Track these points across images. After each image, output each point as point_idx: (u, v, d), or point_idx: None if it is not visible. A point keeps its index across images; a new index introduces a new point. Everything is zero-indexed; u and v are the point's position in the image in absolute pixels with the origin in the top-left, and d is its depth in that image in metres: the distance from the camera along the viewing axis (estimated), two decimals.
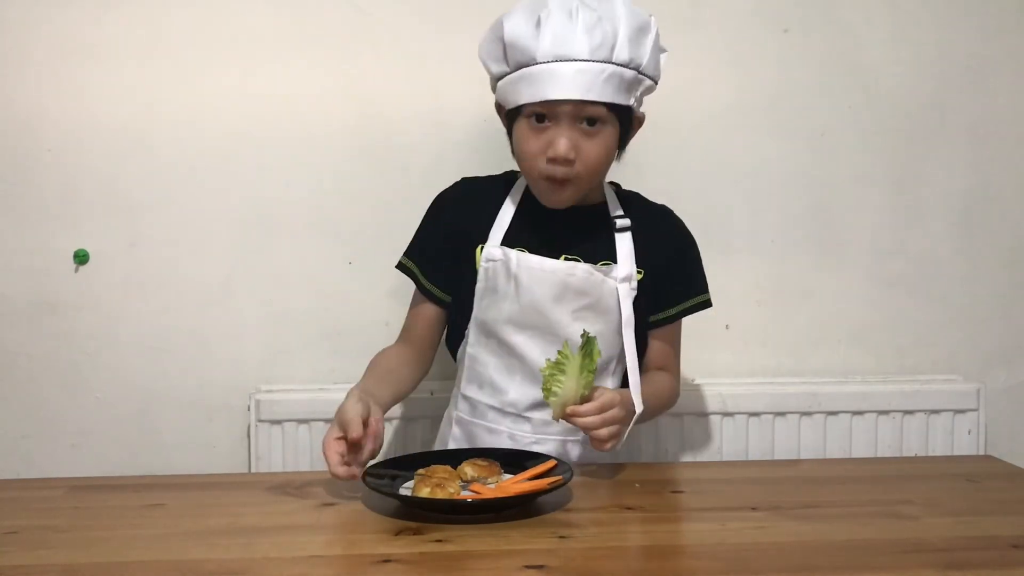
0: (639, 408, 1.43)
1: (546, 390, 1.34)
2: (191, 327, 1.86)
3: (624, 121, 1.46)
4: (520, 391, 1.50)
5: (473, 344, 1.53)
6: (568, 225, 1.51)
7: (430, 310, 1.57)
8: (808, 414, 1.87)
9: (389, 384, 1.50)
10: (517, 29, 1.39)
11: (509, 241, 1.51)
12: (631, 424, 1.43)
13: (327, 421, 1.79)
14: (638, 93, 1.45)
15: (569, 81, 1.37)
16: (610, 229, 1.53)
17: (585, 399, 1.35)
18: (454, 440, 1.56)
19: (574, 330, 1.44)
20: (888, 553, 1.16)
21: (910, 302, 1.98)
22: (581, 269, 1.47)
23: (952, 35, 1.95)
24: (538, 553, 1.14)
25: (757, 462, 1.80)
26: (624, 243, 1.52)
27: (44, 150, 1.82)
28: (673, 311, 1.58)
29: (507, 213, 1.53)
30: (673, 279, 1.57)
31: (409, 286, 1.60)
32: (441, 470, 1.35)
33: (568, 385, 1.33)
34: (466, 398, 1.55)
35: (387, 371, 1.53)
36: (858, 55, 1.94)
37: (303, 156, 1.86)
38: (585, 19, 1.37)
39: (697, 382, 1.91)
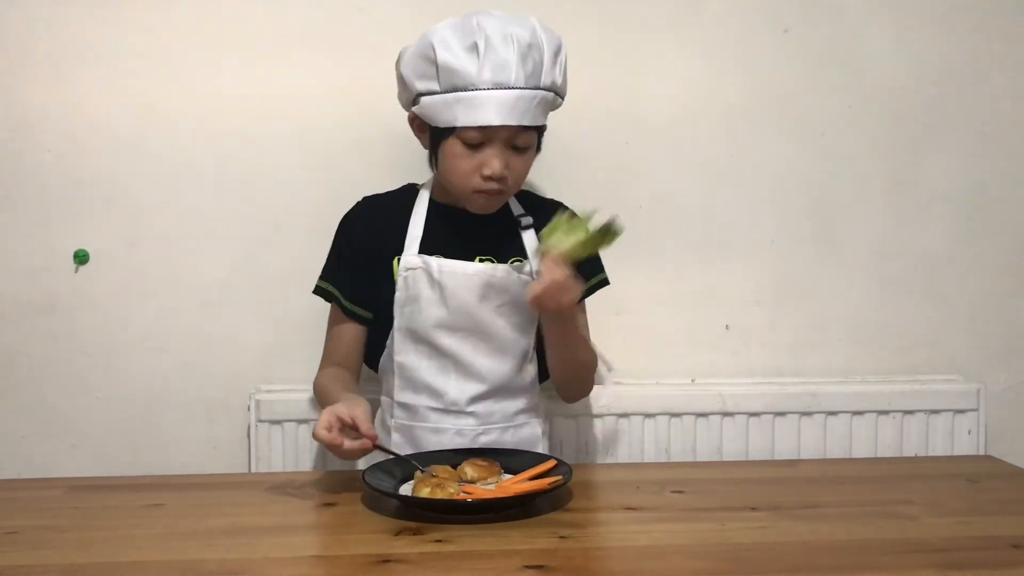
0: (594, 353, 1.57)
1: (546, 235, 1.43)
2: (191, 327, 1.86)
3: (540, 135, 1.55)
4: (459, 389, 1.54)
5: (401, 351, 1.56)
6: (477, 228, 1.57)
7: (354, 330, 1.62)
8: (808, 414, 1.87)
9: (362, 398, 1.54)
10: (453, 52, 1.44)
11: (424, 249, 1.56)
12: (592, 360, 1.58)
13: None
14: (552, 108, 1.53)
15: (509, 108, 1.44)
16: (514, 227, 1.60)
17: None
18: (396, 447, 1.56)
19: (499, 326, 1.54)
20: (888, 553, 1.16)
21: (910, 302, 1.98)
22: (501, 270, 1.54)
23: (952, 35, 1.94)
24: (538, 553, 1.14)
25: (757, 462, 1.80)
26: (530, 240, 1.59)
27: (44, 150, 1.82)
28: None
29: (417, 223, 1.58)
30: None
31: None
32: (441, 470, 1.35)
33: (563, 242, 1.41)
34: (402, 404, 1.57)
35: (348, 386, 1.57)
36: (858, 55, 1.93)
37: (303, 156, 1.86)
38: (519, 46, 1.44)
39: (697, 382, 1.91)
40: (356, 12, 1.85)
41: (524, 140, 1.48)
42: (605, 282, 1.67)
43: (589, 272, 1.62)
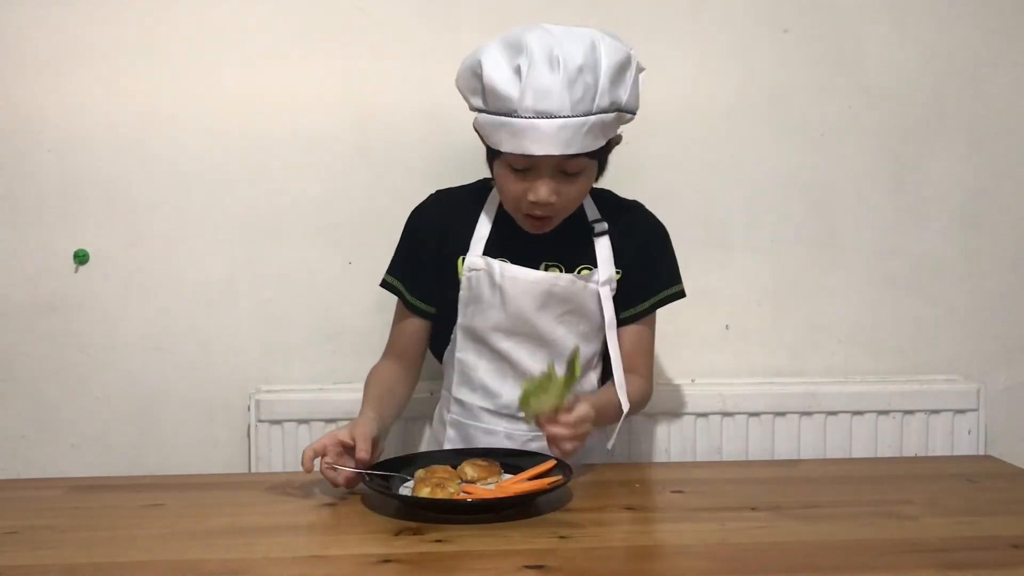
0: (625, 407, 1.47)
1: (524, 403, 1.33)
2: (191, 327, 1.86)
3: (604, 151, 1.48)
4: (513, 393, 1.51)
5: (462, 349, 1.55)
6: (544, 235, 1.52)
7: (417, 324, 1.59)
8: (808, 414, 1.87)
9: (392, 406, 1.54)
10: (496, 75, 1.38)
11: (489, 251, 1.53)
12: (619, 423, 1.47)
13: (327, 421, 1.81)
14: (618, 127, 1.46)
15: (551, 138, 1.36)
16: (587, 234, 1.55)
17: (563, 409, 1.33)
18: (449, 442, 1.57)
19: (560, 334, 1.50)
20: (888, 553, 1.16)
21: (910, 302, 1.98)
22: (564, 279, 1.50)
23: (952, 35, 1.94)
24: (538, 553, 1.14)
25: (757, 462, 1.80)
26: (603, 248, 1.54)
27: (44, 150, 1.82)
28: (646, 304, 1.59)
29: (485, 223, 1.55)
30: (646, 273, 1.58)
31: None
32: (441, 470, 1.35)
33: (546, 402, 1.32)
34: (459, 401, 1.57)
35: (388, 391, 1.55)
36: (858, 55, 1.93)
37: (303, 156, 1.86)
38: (567, 70, 1.35)
39: (697, 382, 1.91)
40: (356, 12, 1.85)
41: (574, 166, 1.42)
42: (680, 294, 1.60)
43: (658, 281, 1.58)
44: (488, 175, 1.58)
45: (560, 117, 1.35)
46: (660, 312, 1.63)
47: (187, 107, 1.83)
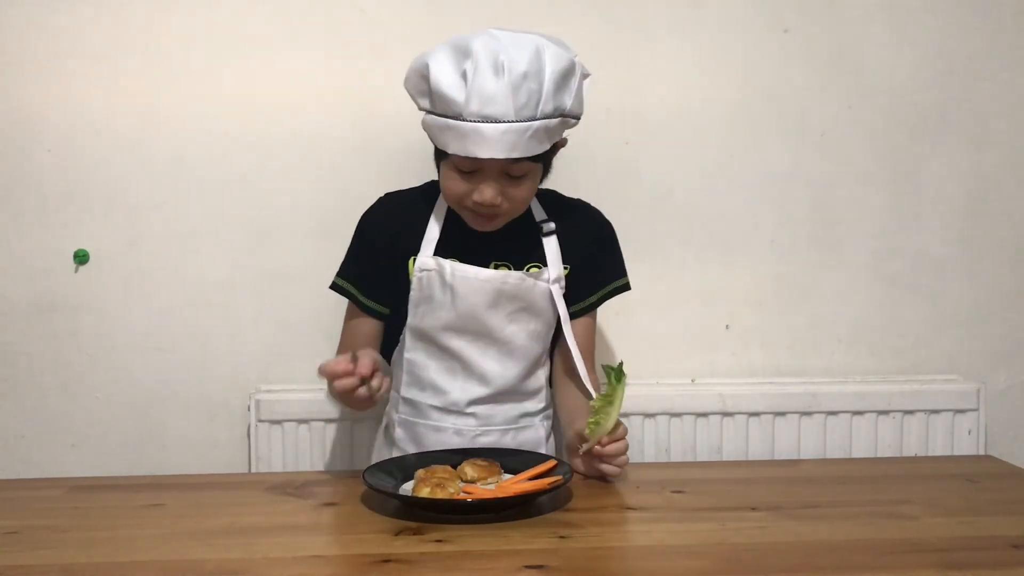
0: (593, 394, 1.51)
1: (593, 423, 1.38)
2: (191, 327, 1.86)
3: (548, 155, 1.50)
4: (463, 390, 1.54)
5: (411, 349, 1.56)
6: (495, 232, 1.54)
7: (370, 324, 1.60)
8: (808, 414, 1.87)
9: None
10: (443, 79, 1.39)
11: (440, 251, 1.54)
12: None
13: (327, 421, 1.81)
14: (561, 132, 1.47)
15: (495, 142, 1.37)
16: (535, 233, 1.56)
17: (614, 430, 1.41)
18: (399, 442, 1.57)
19: (510, 331, 1.53)
20: (888, 553, 1.16)
21: (910, 302, 1.98)
22: (514, 276, 1.52)
23: (952, 35, 1.94)
24: (538, 553, 1.14)
25: (757, 462, 1.80)
26: (551, 246, 1.56)
27: (44, 150, 1.82)
28: (594, 298, 1.61)
29: (435, 224, 1.55)
30: (593, 268, 1.60)
31: None
32: (441, 470, 1.35)
33: (611, 415, 1.38)
34: (407, 400, 1.58)
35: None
36: (858, 55, 1.93)
37: (303, 156, 1.86)
38: (511, 76, 1.36)
39: (697, 382, 1.91)
40: (356, 12, 1.85)
41: (519, 169, 1.43)
42: (625, 287, 1.64)
43: (605, 275, 1.61)
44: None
45: (504, 122, 1.37)
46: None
47: (187, 107, 1.83)
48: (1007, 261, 1.99)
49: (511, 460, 1.42)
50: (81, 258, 1.83)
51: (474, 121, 1.37)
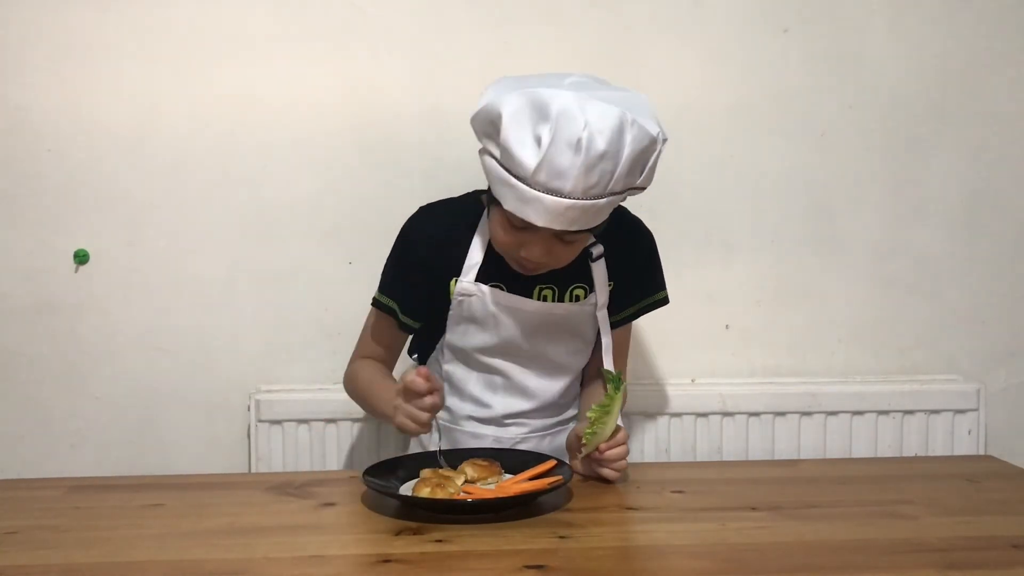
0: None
1: (590, 432, 1.38)
2: (191, 327, 1.86)
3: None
4: (504, 404, 1.54)
5: (450, 361, 1.56)
6: None
7: (398, 337, 1.60)
8: (808, 414, 1.87)
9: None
10: (514, 138, 1.31)
11: (482, 276, 1.49)
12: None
13: (327, 421, 1.81)
14: (625, 197, 1.41)
15: (556, 215, 1.32)
16: (584, 258, 1.50)
17: (613, 435, 1.40)
18: (435, 445, 1.56)
19: (552, 351, 1.52)
20: (888, 553, 1.16)
21: (910, 302, 1.98)
22: (561, 308, 1.50)
23: (952, 35, 1.94)
24: (538, 553, 1.14)
25: (757, 462, 1.80)
26: (599, 270, 1.52)
27: (44, 150, 1.82)
28: (631, 310, 1.60)
29: (478, 247, 1.50)
30: (634, 281, 1.59)
31: None
32: (442, 472, 1.35)
33: (608, 424, 1.38)
34: (447, 408, 1.57)
35: (388, 376, 1.57)
36: (858, 55, 1.93)
37: (303, 156, 1.86)
38: (588, 157, 1.28)
39: (697, 382, 1.91)
40: (356, 13, 1.85)
41: (572, 236, 1.38)
42: (664, 301, 1.63)
43: (645, 289, 1.60)
44: (480, 188, 1.55)
45: (571, 198, 1.31)
46: (660, 312, 1.64)
47: (187, 107, 1.82)
48: (1007, 261, 1.99)
49: (511, 460, 1.42)
50: (81, 258, 1.83)
51: (539, 190, 1.31)
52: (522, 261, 1.43)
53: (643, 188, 1.41)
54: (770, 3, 1.91)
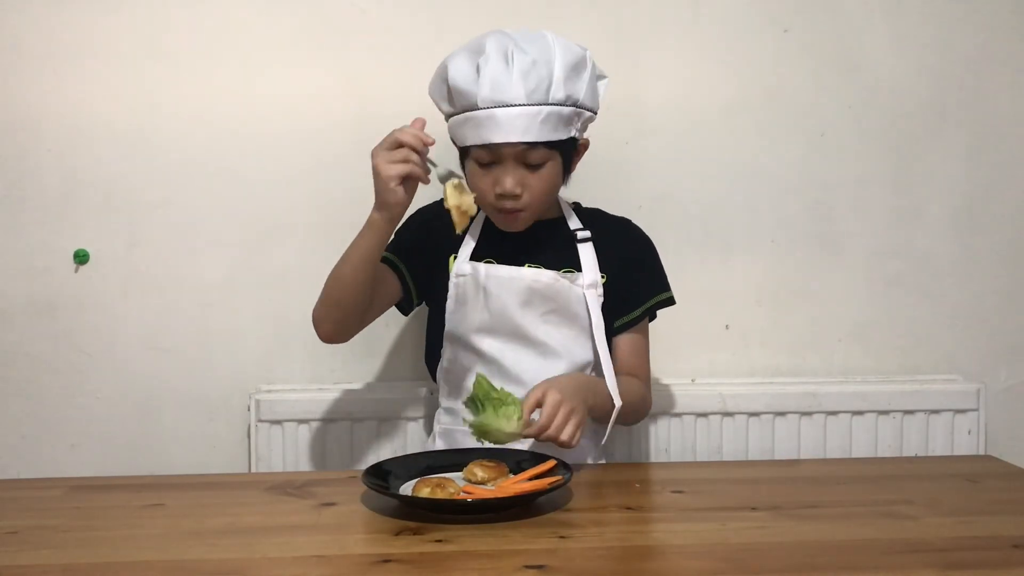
0: (617, 403, 1.48)
1: (485, 436, 1.34)
2: (191, 327, 1.86)
3: (567, 151, 1.52)
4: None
5: (448, 357, 1.58)
6: (530, 237, 1.56)
7: (385, 271, 1.57)
8: (808, 414, 1.87)
9: None
10: (459, 74, 1.45)
11: (477, 256, 1.56)
12: (611, 422, 1.47)
13: (327, 421, 1.81)
14: (578, 125, 1.50)
15: (508, 125, 1.42)
16: (571, 240, 1.58)
17: (525, 424, 1.35)
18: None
19: (543, 332, 1.53)
20: (888, 553, 1.16)
21: (910, 302, 1.98)
22: (546, 275, 1.53)
23: (952, 35, 1.94)
24: (538, 553, 1.14)
25: (757, 462, 1.80)
26: (587, 252, 1.57)
27: (44, 150, 1.82)
28: (638, 311, 1.61)
29: (475, 229, 1.58)
30: (634, 281, 1.61)
31: None
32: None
33: (505, 431, 1.33)
34: (447, 410, 1.60)
35: None
36: (858, 55, 1.93)
37: (303, 156, 1.86)
38: (520, 64, 1.42)
39: (697, 382, 1.91)
40: (356, 12, 1.85)
41: (536, 157, 1.47)
42: (670, 301, 1.64)
43: (648, 288, 1.61)
44: None
45: (516, 106, 1.42)
46: (660, 312, 1.63)
47: (187, 107, 1.83)
48: (1007, 261, 1.99)
49: (512, 460, 1.42)
50: (81, 258, 1.83)
51: (487, 108, 1.42)
52: (502, 204, 1.48)
53: (592, 112, 1.51)
54: (770, 3, 1.91)
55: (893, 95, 1.94)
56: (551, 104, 1.44)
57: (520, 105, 1.42)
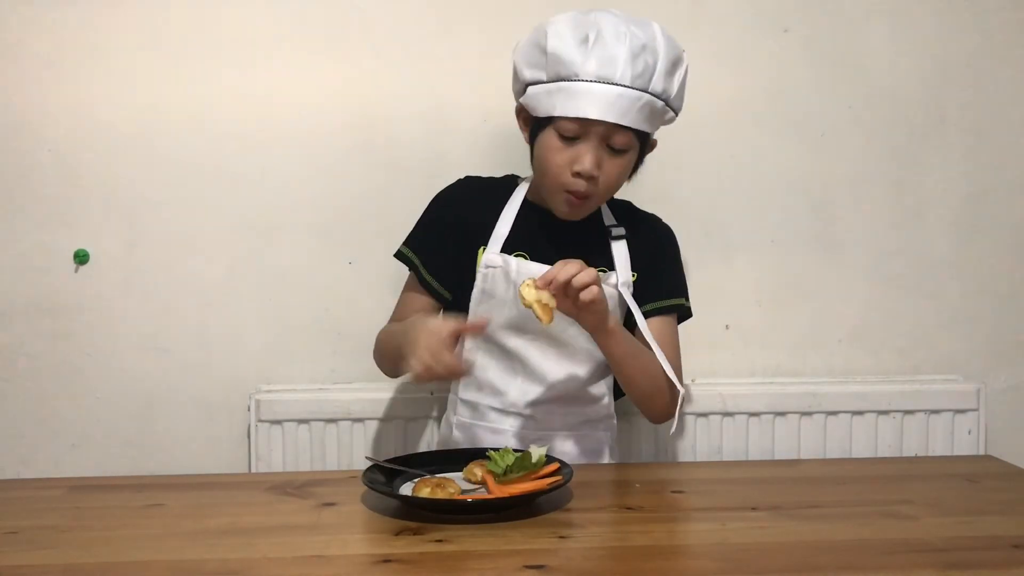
0: (680, 389, 1.46)
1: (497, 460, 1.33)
2: (191, 327, 1.86)
3: (643, 146, 1.51)
4: (521, 391, 1.53)
5: (470, 349, 1.54)
6: (565, 234, 1.53)
7: (426, 302, 1.58)
8: (808, 414, 1.87)
9: None
10: (564, 41, 1.41)
11: (508, 248, 1.53)
12: (679, 405, 1.45)
13: (327, 421, 1.81)
14: (660, 123, 1.50)
15: (609, 104, 1.40)
16: (604, 237, 1.56)
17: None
18: (456, 444, 1.57)
19: (571, 332, 1.50)
20: (888, 553, 1.16)
21: (910, 302, 1.98)
22: None
23: (952, 35, 1.94)
24: (538, 553, 1.14)
25: (757, 462, 1.80)
26: (620, 251, 1.55)
27: (44, 150, 1.82)
28: (648, 307, 1.56)
29: (507, 219, 1.55)
30: (655, 279, 1.59)
31: None
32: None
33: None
34: (466, 402, 1.57)
35: None
36: (858, 55, 1.93)
37: (303, 156, 1.86)
38: (632, 45, 1.41)
39: (697, 382, 1.91)
40: (356, 12, 1.85)
41: (621, 141, 1.44)
42: (682, 308, 1.60)
43: (662, 287, 1.58)
44: (514, 172, 1.60)
45: (620, 85, 1.40)
46: None
47: (187, 107, 1.82)
48: (1007, 261, 1.99)
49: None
50: (81, 258, 1.83)
51: (590, 81, 1.40)
52: (574, 186, 1.45)
53: (676, 111, 1.50)
54: (770, 3, 1.91)
55: (893, 95, 1.94)
56: (650, 93, 1.42)
57: (625, 86, 1.40)
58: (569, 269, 1.33)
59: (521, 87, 1.50)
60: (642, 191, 1.91)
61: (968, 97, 1.96)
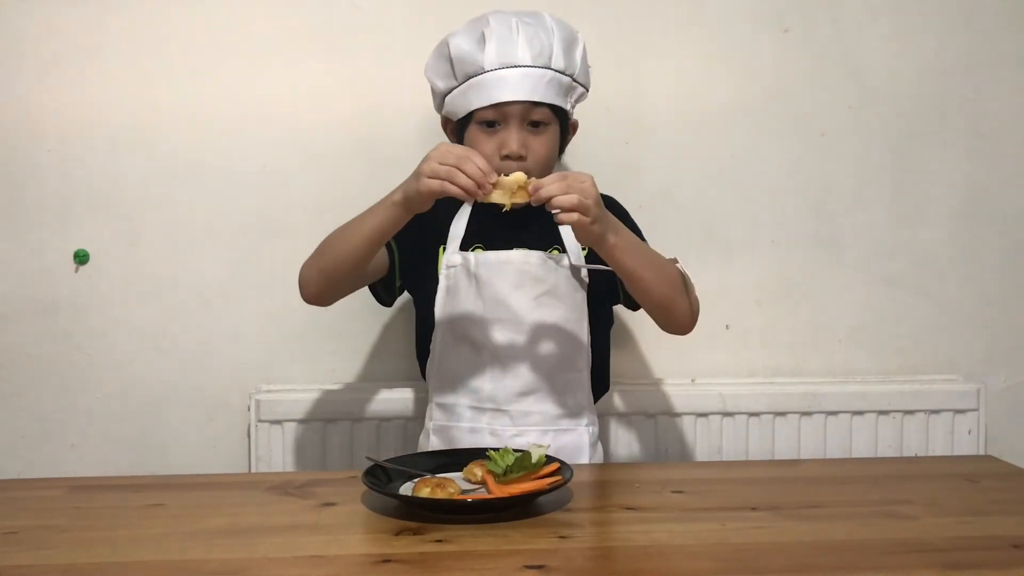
0: (682, 267, 1.52)
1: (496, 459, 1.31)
2: (191, 327, 1.86)
3: (563, 125, 1.59)
4: (494, 384, 1.54)
5: (440, 351, 1.57)
6: (516, 221, 1.54)
7: (383, 256, 1.57)
8: (808, 414, 1.87)
9: None
10: (463, 45, 1.53)
11: (465, 244, 1.57)
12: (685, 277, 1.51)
13: (327, 421, 1.81)
14: (573, 99, 1.58)
15: (516, 84, 1.50)
16: (552, 219, 1.52)
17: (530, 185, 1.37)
18: (433, 448, 1.57)
19: (537, 317, 1.52)
20: (888, 553, 1.15)
21: (910, 302, 1.98)
22: (535, 256, 1.54)
23: (952, 35, 1.94)
24: (538, 553, 1.14)
25: (757, 462, 1.80)
26: (567, 230, 1.52)
27: (44, 150, 1.82)
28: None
29: (462, 219, 1.59)
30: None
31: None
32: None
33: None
34: (440, 406, 1.58)
35: None
36: (858, 55, 1.93)
37: (303, 156, 1.86)
38: (524, 31, 1.51)
39: (697, 382, 1.91)
40: (356, 12, 1.85)
41: (539, 115, 1.52)
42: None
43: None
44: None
45: (522, 66, 1.50)
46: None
47: (187, 107, 1.83)
48: (1007, 261, 1.99)
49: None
50: (81, 258, 1.83)
51: (495, 69, 1.50)
52: (507, 168, 1.49)
53: (584, 87, 1.58)
54: (770, 3, 1.91)
55: (893, 95, 1.94)
56: (553, 70, 1.52)
57: (527, 66, 1.50)
58: (552, 188, 1.35)
59: (440, 100, 1.59)
60: (642, 191, 1.91)
61: (968, 97, 1.96)
